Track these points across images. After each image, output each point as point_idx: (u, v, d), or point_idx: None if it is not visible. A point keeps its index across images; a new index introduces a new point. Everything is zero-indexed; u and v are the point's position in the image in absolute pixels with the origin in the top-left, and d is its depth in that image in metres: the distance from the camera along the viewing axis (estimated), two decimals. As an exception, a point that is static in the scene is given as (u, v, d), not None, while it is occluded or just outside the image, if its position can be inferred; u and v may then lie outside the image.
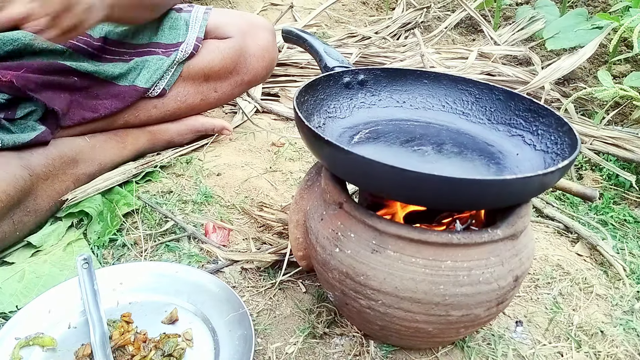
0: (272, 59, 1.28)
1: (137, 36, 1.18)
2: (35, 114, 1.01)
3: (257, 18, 1.30)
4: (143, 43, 1.18)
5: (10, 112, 0.99)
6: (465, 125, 0.86)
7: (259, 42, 1.25)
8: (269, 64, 1.28)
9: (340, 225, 0.70)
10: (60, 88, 1.04)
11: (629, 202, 1.20)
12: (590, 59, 1.77)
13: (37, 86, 1.00)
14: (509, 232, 0.67)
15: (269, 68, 1.29)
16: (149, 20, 1.15)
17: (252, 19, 1.28)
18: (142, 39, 1.18)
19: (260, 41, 1.25)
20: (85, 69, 1.07)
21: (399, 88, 0.90)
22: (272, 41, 1.28)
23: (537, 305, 0.88)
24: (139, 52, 1.17)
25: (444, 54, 1.76)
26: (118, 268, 0.88)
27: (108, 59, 1.14)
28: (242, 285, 0.90)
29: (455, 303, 0.65)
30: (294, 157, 1.29)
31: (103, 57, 1.13)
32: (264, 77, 1.31)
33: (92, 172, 1.07)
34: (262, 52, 1.25)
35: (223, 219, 1.05)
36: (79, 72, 1.06)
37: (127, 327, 0.78)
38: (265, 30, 1.27)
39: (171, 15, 1.19)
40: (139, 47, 1.17)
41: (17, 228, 0.92)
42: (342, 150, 0.63)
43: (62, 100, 1.04)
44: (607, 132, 1.34)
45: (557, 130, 0.74)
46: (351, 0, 2.43)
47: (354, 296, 0.70)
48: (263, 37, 1.26)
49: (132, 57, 1.15)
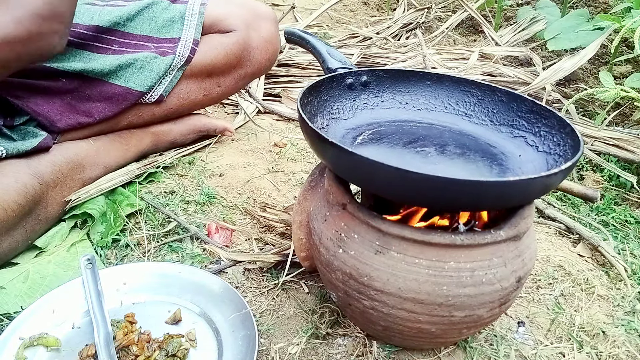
0: (275, 50, 1.26)
1: (128, 24, 1.13)
2: (35, 120, 1.00)
3: (260, 6, 1.25)
4: (134, 34, 1.13)
5: (8, 119, 0.98)
6: (468, 127, 0.86)
7: (262, 34, 1.22)
8: (272, 56, 1.26)
9: (343, 226, 0.70)
10: (49, 93, 1.02)
11: (630, 203, 1.20)
12: (592, 60, 1.78)
13: (24, 92, 0.97)
14: (511, 234, 0.67)
15: (272, 59, 1.27)
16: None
17: (255, 8, 1.23)
18: (134, 28, 1.13)
19: (264, 33, 1.22)
20: (72, 68, 1.03)
21: (402, 89, 0.90)
22: (275, 32, 1.25)
23: (539, 305, 0.88)
24: (129, 43, 1.12)
25: (445, 55, 1.77)
26: (121, 268, 0.88)
27: (97, 48, 1.09)
28: (245, 286, 0.90)
29: (458, 304, 0.66)
30: (296, 158, 1.30)
31: (91, 46, 1.09)
32: (268, 68, 1.28)
33: (98, 176, 1.07)
34: (265, 45, 1.22)
35: (226, 219, 1.06)
36: (66, 72, 1.03)
37: (130, 327, 0.78)
38: (268, 20, 1.23)
39: (164, 5, 1.15)
40: (129, 36, 1.13)
41: (29, 237, 0.92)
42: (345, 152, 0.63)
43: (53, 106, 1.02)
44: (608, 133, 1.34)
45: (560, 131, 0.75)
46: (352, 1, 2.43)
47: (357, 297, 0.70)
48: (266, 29, 1.22)
49: (122, 48, 1.10)
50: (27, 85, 0.99)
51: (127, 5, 1.15)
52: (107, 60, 1.07)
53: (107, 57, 1.08)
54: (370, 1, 2.46)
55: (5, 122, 0.98)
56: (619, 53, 1.70)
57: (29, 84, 0.99)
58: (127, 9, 1.14)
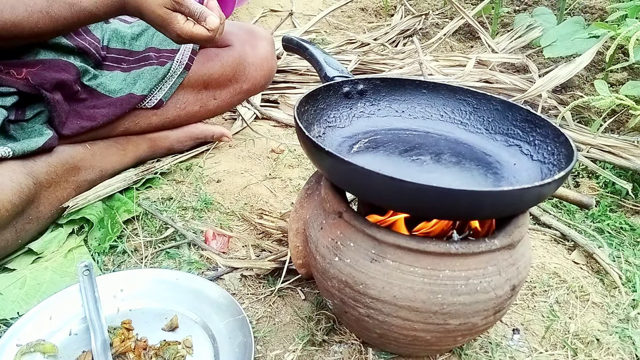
0: (270, 68, 1.31)
1: (134, 43, 1.20)
2: (44, 115, 1.02)
3: (257, 28, 1.33)
4: (140, 50, 1.20)
5: (20, 112, 1.00)
6: (464, 135, 0.87)
7: (258, 51, 1.28)
8: (267, 73, 1.31)
9: (339, 235, 0.71)
10: (66, 94, 1.05)
11: (625, 209, 1.21)
12: (588, 67, 1.79)
13: (51, 87, 1.00)
14: (506, 242, 0.67)
15: (268, 77, 1.32)
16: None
17: (252, 29, 1.31)
18: (139, 46, 1.20)
19: (260, 51, 1.28)
20: (90, 83, 1.09)
21: (398, 97, 0.91)
22: (271, 51, 1.31)
23: (534, 313, 0.89)
24: (136, 59, 1.19)
25: (442, 62, 1.77)
26: (118, 275, 0.89)
27: (108, 66, 1.15)
28: (241, 292, 0.91)
29: (453, 312, 0.66)
30: (293, 164, 1.30)
31: (105, 65, 1.15)
32: (263, 86, 1.33)
33: (93, 179, 1.08)
34: (261, 62, 1.28)
35: (223, 225, 1.06)
36: (83, 83, 1.08)
37: (127, 334, 0.79)
38: (265, 40, 1.30)
39: None
40: (136, 54, 1.19)
41: (19, 236, 0.93)
42: (341, 161, 0.64)
43: (66, 107, 1.05)
44: (604, 140, 1.35)
45: (554, 141, 0.75)
46: (350, 7, 2.44)
47: (352, 304, 0.70)
48: (262, 47, 1.28)
49: (130, 66, 1.17)
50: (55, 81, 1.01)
51: (132, 25, 1.23)
52: (116, 77, 1.13)
53: (117, 75, 1.14)
54: (368, 7, 2.47)
55: (16, 116, 0.99)
56: (615, 60, 1.71)
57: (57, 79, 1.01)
58: (132, 30, 1.22)
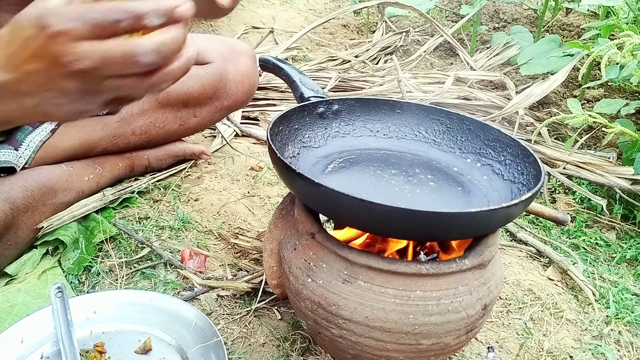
0: (252, 84, 1.29)
1: None
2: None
3: (238, 43, 1.31)
4: None
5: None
6: (437, 155, 0.88)
7: (239, 67, 1.25)
8: (249, 89, 1.29)
9: (312, 256, 0.71)
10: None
11: (600, 225, 1.23)
12: (565, 84, 1.82)
13: None
14: (476, 262, 0.68)
15: (249, 93, 1.30)
16: None
17: (233, 45, 1.29)
18: None
19: (241, 67, 1.26)
20: None
21: (373, 117, 0.92)
22: (252, 67, 1.29)
23: (508, 330, 0.89)
24: None
25: (421, 79, 1.79)
26: (92, 297, 0.88)
27: None
28: (217, 312, 0.90)
29: (425, 332, 0.67)
30: (272, 182, 1.30)
31: None
32: (244, 102, 1.31)
33: (70, 201, 1.06)
34: (242, 78, 1.26)
35: (200, 245, 1.06)
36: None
37: (100, 357, 0.78)
38: (246, 56, 1.28)
39: None
40: None
41: None
42: (312, 183, 0.64)
43: None
44: (580, 157, 1.37)
45: (524, 160, 0.77)
46: (332, 24, 2.46)
47: (326, 325, 0.70)
48: (243, 63, 1.27)
49: None
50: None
51: None
52: None
53: None
54: (350, 24, 2.50)
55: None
56: (592, 76, 1.74)
57: None
58: None
